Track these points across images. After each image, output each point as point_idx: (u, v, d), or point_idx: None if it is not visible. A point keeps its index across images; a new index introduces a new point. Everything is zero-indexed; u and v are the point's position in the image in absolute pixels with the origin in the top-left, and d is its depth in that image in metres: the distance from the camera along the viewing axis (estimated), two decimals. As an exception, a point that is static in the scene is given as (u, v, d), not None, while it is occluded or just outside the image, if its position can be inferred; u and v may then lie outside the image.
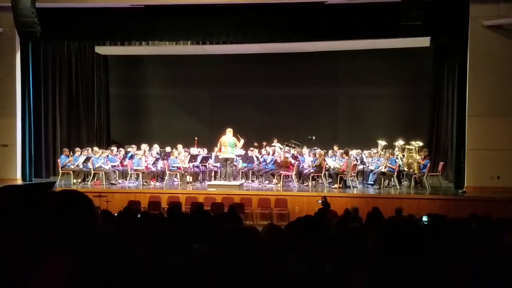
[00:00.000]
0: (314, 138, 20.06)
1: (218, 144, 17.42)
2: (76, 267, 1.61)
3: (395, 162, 16.57)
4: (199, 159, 17.81)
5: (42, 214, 1.77)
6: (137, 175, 17.46)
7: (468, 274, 3.31)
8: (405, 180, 17.00)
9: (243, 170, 18.03)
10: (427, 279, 1.89)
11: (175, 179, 17.70)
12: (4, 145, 17.43)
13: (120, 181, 17.56)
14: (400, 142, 17.32)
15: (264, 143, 19.48)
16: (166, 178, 17.53)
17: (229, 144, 16.90)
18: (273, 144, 19.10)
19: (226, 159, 17.08)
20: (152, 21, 16.83)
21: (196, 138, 19.45)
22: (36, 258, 1.67)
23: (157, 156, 18.02)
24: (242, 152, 18.29)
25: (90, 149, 18.14)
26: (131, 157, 17.84)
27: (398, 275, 1.86)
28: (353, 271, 2.09)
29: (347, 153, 17.05)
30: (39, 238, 1.70)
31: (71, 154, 17.68)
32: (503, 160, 15.34)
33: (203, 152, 18.68)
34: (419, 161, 16.41)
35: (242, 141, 17.62)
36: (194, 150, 18.56)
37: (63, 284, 1.60)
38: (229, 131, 17.04)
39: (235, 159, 17.70)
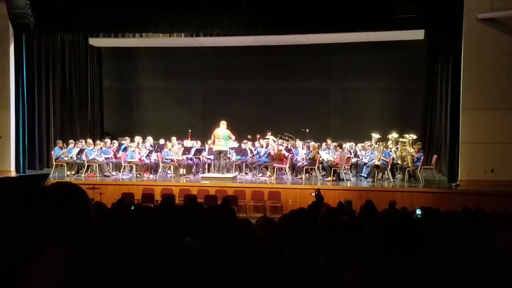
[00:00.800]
0: (307, 131, 20.07)
1: (212, 137, 17.39)
2: (71, 263, 1.61)
3: (389, 155, 16.60)
4: (192, 151, 17.80)
5: (36, 206, 1.77)
6: (131, 167, 17.45)
7: (461, 268, 3.33)
8: (399, 173, 17.03)
9: (236, 163, 18.03)
10: (420, 272, 1.89)
11: (169, 172, 17.69)
12: (-2, 136, 17.39)
13: (113, 173, 17.54)
14: (394, 135, 17.34)
15: (258, 136, 19.49)
16: (160, 170, 17.52)
17: (223, 137, 16.87)
18: (266, 137, 19.10)
19: (219, 152, 17.05)
20: (146, 13, 16.75)
21: (190, 130, 19.44)
22: (30, 252, 1.66)
23: (151, 149, 18.01)
24: (236, 144, 18.29)
25: (83, 141, 18.10)
26: (125, 149, 17.82)
27: (392, 268, 1.87)
28: (347, 264, 2.10)
29: (340, 146, 17.07)
30: (34, 231, 1.70)
31: (65, 146, 17.64)
32: (497, 154, 15.37)
33: (196, 144, 18.67)
34: (412, 154, 16.44)
35: (233, 137, 17.65)
36: (187, 143, 18.55)
37: (58, 279, 1.60)
38: (223, 124, 17.02)
39: (228, 152, 17.71)
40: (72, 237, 1.74)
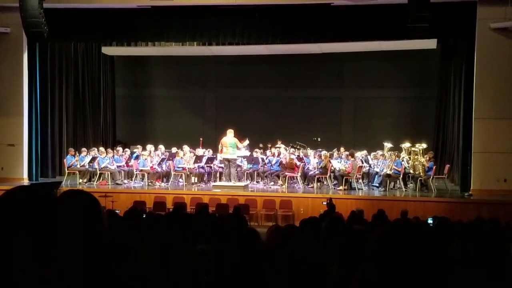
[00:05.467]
0: (319, 139, 20.04)
1: (219, 145, 17.40)
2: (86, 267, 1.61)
3: (401, 164, 16.53)
4: (204, 160, 17.81)
5: (49, 214, 1.77)
6: (143, 175, 17.49)
7: (475, 278, 3.30)
8: (411, 183, 16.96)
9: (248, 171, 18.01)
10: (429, 281, 1.88)
11: (180, 180, 17.71)
12: (11, 144, 17.49)
13: (125, 181, 17.59)
14: (406, 145, 17.28)
15: (269, 145, 19.52)
16: (171, 178, 17.54)
17: (230, 145, 16.81)
18: (277, 146, 19.08)
19: (228, 160, 17.03)
20: (159, 22, 16.86)
21: (201, 139, 19.47)
22: (43, 258, 1.67)
23: (163, 157, 18.04)
24: (248, 153, 18.28)
25: (96, 149, 18.19)
26: (137, 157, 17.87)
27: (401, 276, 1.86)
28: (357, 271, 2.09)
29: (352, 155, 17.01)
30: (46, 238, 1.71)
31: (77, 154, 17.74)
32: (510, 163, 15.27)
33: (208, 153, 18.67)
34: (424, 163, 16.37)
35: (246, 141, 17.61)
36: (199, 151, 18.57)
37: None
38: (230, 132, 16.97)
39: (240, 160, 17.75)
40: (84, 244, 1.75)
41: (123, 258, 1.69)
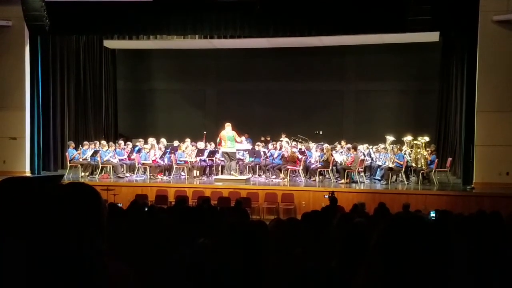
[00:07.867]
0: (321, 133, 20.02)
1: (218, 139, 17.39)
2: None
3: (403, 157, 16.50)
4: (206, 153, 17.82)
5: (50, 206, 1.78)
6: (145, 168, 17.49)
7: (474, 272, 3.30)
8: (413, 176, 16.94)
9: (250, 165, 18.02)
10: (431, 275, 1.88)
11: (182, 173, 17.71)
12: (13, 138, 17.50)
13: (127, 174, 17.60)
14: (408, 138, 17.25)
15: (268, 138, 19.53)
16: (173, 172, 17.55)
17: (229, 138, 16.79)
18: (280, 139, 19.08)
19: (228, 154, 17.01)
20: (160, 15, 16.82)
21: (205, 132, 19.45)
22: (45, 251, 1.67)
23: (165, 150, 18.06)
24: (249, 146, 18.27)
25: (98, 142, 18.21)
26: (139, 150, 17.88)
27: (402, 270, 1.85)
28: (359, 267, 2.09)
29: (355, 148, 17.00)
30: (46, 229, 1.71)
31: (81, 147, 17.76)
32: (512, 156, 15.27)
33: (210, 146, 18.67)
34: (426, 156, 16.36)
35: (241, 138, 17.60)
36: (201, 145, 18.56)
37: None
38: (228, 125, 16.92)
39: (242, 154, 17.75)
40: (83, 237, 1.75)
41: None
